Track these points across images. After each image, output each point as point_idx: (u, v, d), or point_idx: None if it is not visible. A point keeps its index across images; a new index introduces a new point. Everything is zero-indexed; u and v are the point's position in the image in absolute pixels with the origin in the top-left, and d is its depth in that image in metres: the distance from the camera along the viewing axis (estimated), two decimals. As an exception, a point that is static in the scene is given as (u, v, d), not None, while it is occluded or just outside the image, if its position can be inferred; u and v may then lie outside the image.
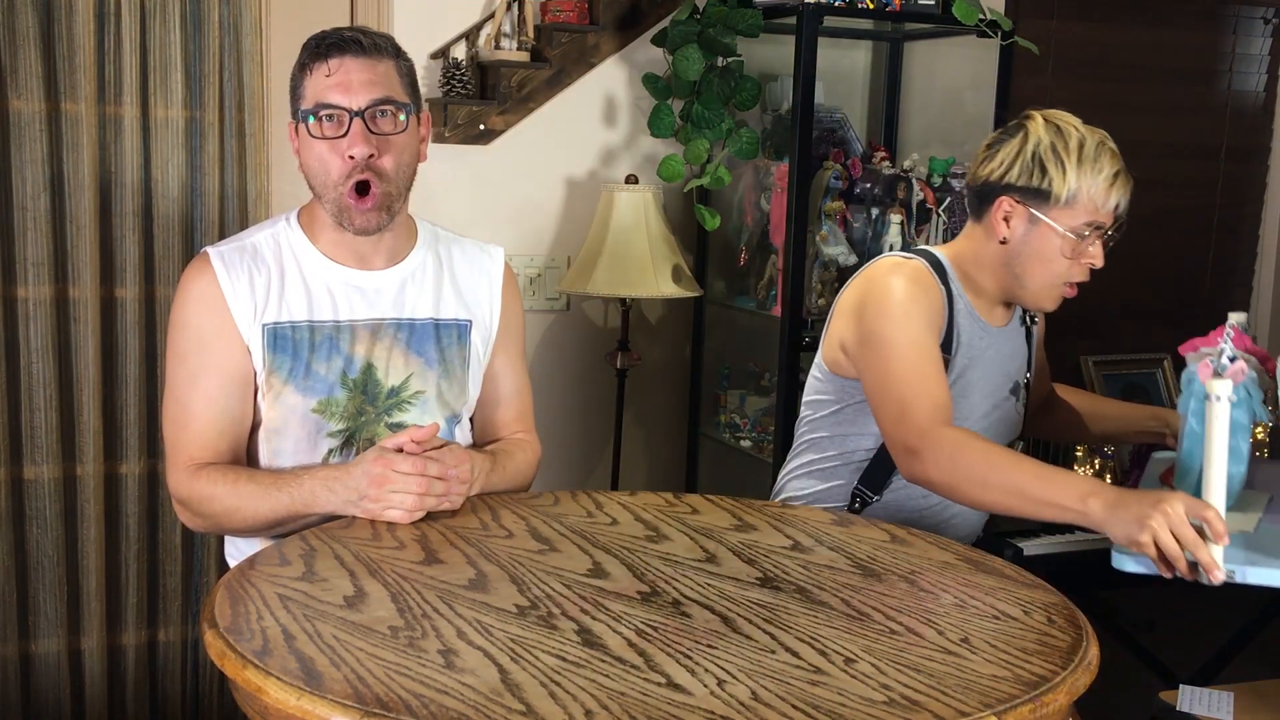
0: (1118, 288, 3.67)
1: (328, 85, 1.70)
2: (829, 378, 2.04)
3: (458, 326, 1.87)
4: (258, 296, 1.76)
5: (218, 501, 1.72)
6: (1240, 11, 3.77)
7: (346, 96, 1.70)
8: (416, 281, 1.85)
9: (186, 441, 1.76)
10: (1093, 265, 1.93)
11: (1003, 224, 1.92)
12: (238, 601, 1.36)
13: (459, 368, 1.87)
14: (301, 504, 1.69)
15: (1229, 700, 1.92)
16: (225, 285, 1.75)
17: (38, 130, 2.49)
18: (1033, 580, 1.53)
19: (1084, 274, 1.94)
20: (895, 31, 3.22)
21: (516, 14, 2.88)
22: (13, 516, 2.56)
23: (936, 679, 1.21)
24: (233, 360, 1.75)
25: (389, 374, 1.81)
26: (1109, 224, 1.91)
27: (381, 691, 1.13)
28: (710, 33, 2.78)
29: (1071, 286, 1.95)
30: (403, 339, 1.82)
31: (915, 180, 2.98)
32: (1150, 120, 3.71)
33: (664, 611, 1.36)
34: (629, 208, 2.85)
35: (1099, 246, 1.92)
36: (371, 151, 1.71)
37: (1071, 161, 1.88)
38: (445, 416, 1.85)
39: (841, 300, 2.02)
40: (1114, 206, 1.91)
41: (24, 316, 2.53)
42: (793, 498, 2.12)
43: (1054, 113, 1.95)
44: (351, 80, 1.70)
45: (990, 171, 1.94)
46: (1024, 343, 2.13)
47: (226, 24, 2.59)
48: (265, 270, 1.78)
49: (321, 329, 1.78)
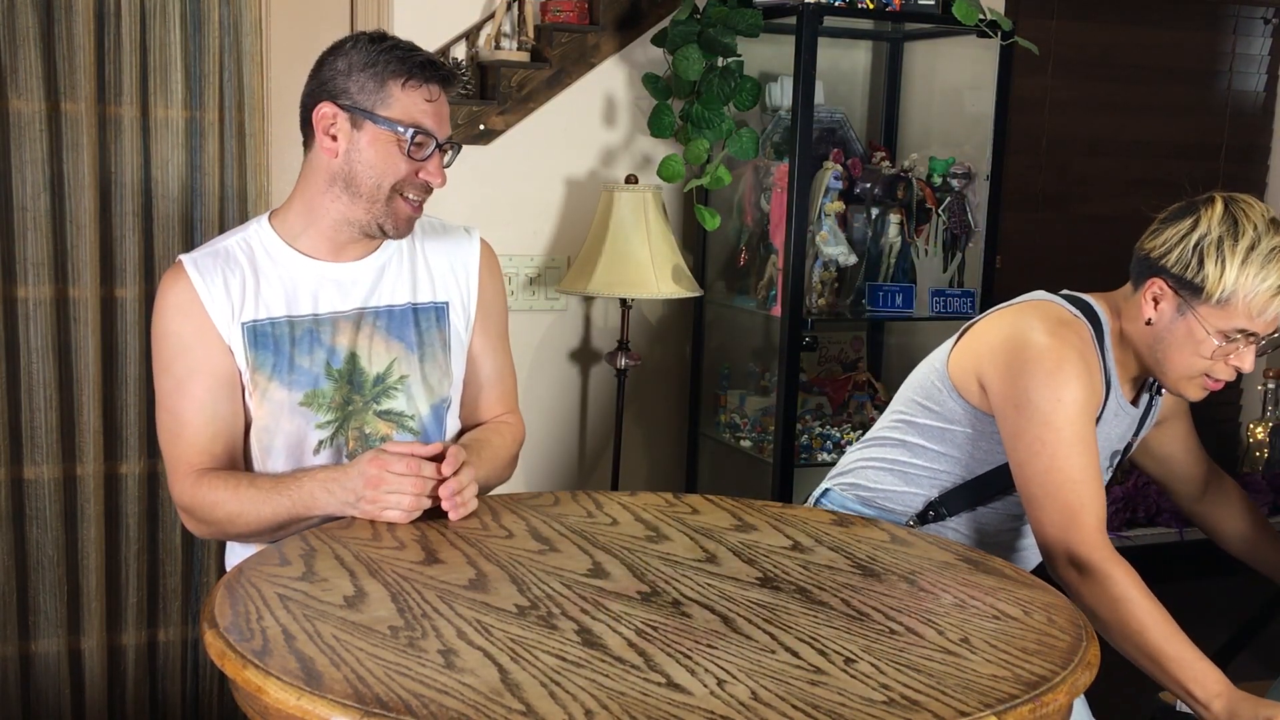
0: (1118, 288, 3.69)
1: (426, 110, 1.76)
2: (955, 398, 1.94)
3: (435, 309, 1.88)
4: (233, 297, 1.77)
5: (221, 508, 1.73)
6: (1240, 11, 3.77)
7: (439, 127, 1.78)
8: (392, 269, 1.87)
9: (183, 449, 1.77)
10: (1239, 370, 1.81)
11: (1151, 305, 1.82)
12: (238, 601, 1.36)
13: (440, 350, 1.88)
14: (302, 506, 1.70)
15: (1229, 700, 1.92)
16: (200, 289, 1.76)
17: (38, 130, 2.49)
18: (1033, 580, 1.53)
19: (1230, 374, 1.82)
20: (895, 31, 3.22)
21: (516, 14, 2.88)
22: (13, 516, 2.56)
23: (936, 679, 1.21)
24: (216, 363, 1.76)
25: (372, 362, 1.82)
26: (1265, 333, 1.78)
27: (381, 691, 1.13)
28: (710, 33, 2.78)
29: (1217, 381, 1.83)
30: (382, 326, 1.84)
31: (915, 180, 2.99)
32: (1150, 120, 3.71)
33: (664, 611, 1.36)
34: (629, 208, 2.85)
35: (1250, 351, 1.79)
36: (441, 183, 1.81)
37: (1235, 261, 1.73)
38: (431, 402, 1.86)
39: (989, 332, 1.91)
40: (1273, 318, 1.75)
41: (24, 316, 2.53)
42: (863, 486, 2.04)
43: (1241, 199, 1.79)
44: (444, 113, 1.80)
45: (1153, 248, 1.82)
46: (1141, 414, 2.00)
47: (226, 24, 2.59)
48: (239, 271, 1.79)
49: (301, 323, 1.79)
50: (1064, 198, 3.62)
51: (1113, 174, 3.67)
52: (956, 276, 3.03)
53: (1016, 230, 3.44)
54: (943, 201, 2.99)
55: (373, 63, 1.74)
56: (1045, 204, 3.60)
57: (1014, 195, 3.35)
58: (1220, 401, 3.88)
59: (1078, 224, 3.64)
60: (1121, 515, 3.04)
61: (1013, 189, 3.29)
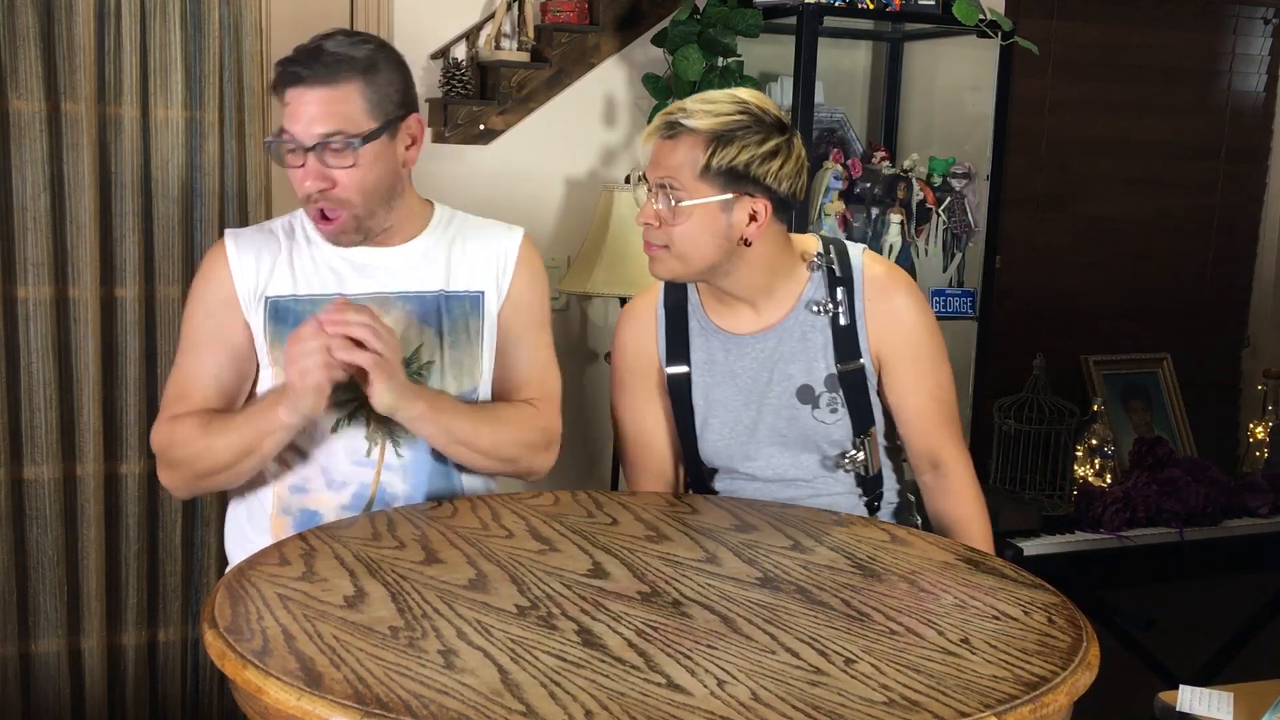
0: (1118, 288, 3.69)
1: (286, 115, 1.73)
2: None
3: (470, 298, 1.86)
4: (262, 273, 1.81)
5: (190, 445, 1.75)
6: (1240, 11, 3.77)
7: (299, 129, 1.71)
8: (428, 257, 1.86)
9: (172, 400, 1.81)
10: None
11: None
12: (238, 601, 1.36)
13: (469, 339, 1.86)
14: (261, 416, 1.71)
15: (1229, 700, 1.92)
16: (234, 261, 1.81)
17: (38, 130, 2.49)
18: (1033, 580, 1.53)
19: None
20: (895, 31, 3.22)
21: (516, 14, 2.88)
22: (13, 516, 2.56)
23: (936, 679, 1.20)
24: (232, 334, 1.80)
25: (400, 345, 1.80)
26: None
27: (381, 692, 1.13)
28: (710, 33, 2.78)
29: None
30: (412, 311, 1.83)
31: (915, 180, 2.98)
32: (1150, 120, 3.71)
33: (664, 612, 1.36)
34: (629, 207, 2.85)
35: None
36: (323, 186, 1.72)
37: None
38: (458, 390, 1.84)
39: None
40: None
41: (24, 316, 2.53)
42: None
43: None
44: (301, 113, 1.71)
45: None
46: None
47: (226, 24, 2.59)
48: (274, 248, 1.83)
49: (324, 301, 1.78)
50: (1064, 198, 3.62)
51: (1113, 174, 3.67)
52: (956, 276, 3.03)
53: (1016, 230, 3.44)
54: (943, 201, 2.99)
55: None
56: (1045, 204, 3.59)
57: (1014, 195, 3.34)
58: (1220, 401, 3.88)
59: (1078, 224, 3.64)
60: (1121, 515, 3.04)
61: (1013, 189, 3.29)
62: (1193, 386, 3.70)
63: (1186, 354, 3.71)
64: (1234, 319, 3.93)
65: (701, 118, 1.78)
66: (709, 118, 1.78)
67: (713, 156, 1.77)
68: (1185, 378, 3.67)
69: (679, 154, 1.79)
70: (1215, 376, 3.88)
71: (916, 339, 1.91)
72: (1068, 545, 2.96)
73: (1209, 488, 3.14)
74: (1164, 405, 3.64)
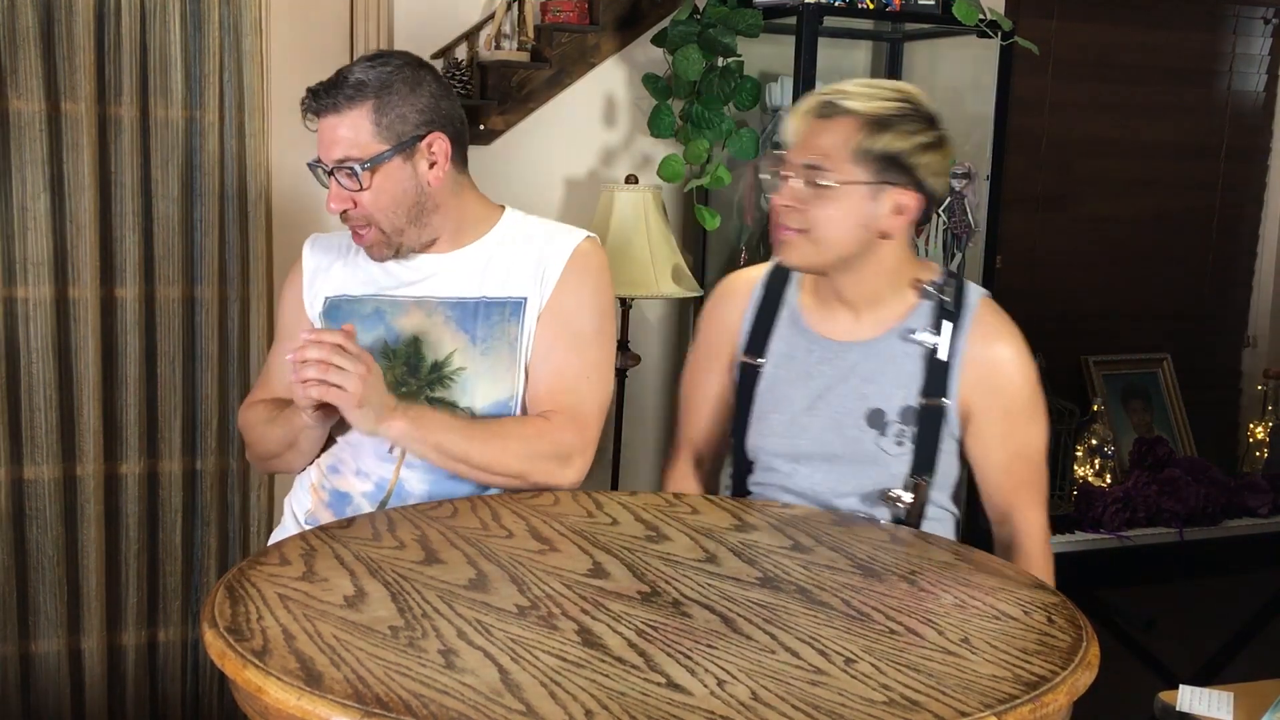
0: (1118, 288, 3.69)
1: (319, 140, 1.82)
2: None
3: (510, 304, 1.86)
4: (325, 274, 1.94)
5: (253, 430, 1.92)
6: (1240, 11, 3.77)
7: (321, 154, 1.82)
8: (475, 263, 1.89)
9: (258, 385, 2.01)
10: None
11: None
12: (238, 601, 1.36)
13: (505, 346, 1.84)
14: (295, 415, 1.79)
15: (1229, 700, 1.92)
16: (306, 263, 1.97)
17: (38, 130, 2.49)
18: (1033, 580, 1.53)
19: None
20: (895, 31, 3.22)
21: (516, 14, 2.88)
22: (13, 516, 2.56)
23: (936, 679, 1.21)
24: (301, 328, 1.88)
25: (434, 349, 1.85)
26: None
27: (381, 691, 1.13)
28: (710, 33, 2.78)
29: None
30: (452, 316, 1.86)
31: (915, 180, 2.98)
32: (1150, 120, 3.71)
33: (664, 611, 1.36)
34: (629, 208, 2.85)
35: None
36: (345, 206, 1.82)
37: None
38: (494, 398, 1.84)
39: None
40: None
41: (24, 316, 2.53)
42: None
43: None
44: (320, 139, 1.82)
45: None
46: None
47: (226, 24, 2.59)
48: (339, 252, 1.96)
49: (370, 301, 1.90)
50: (1064, 198, 3.62)
51: (1113, 174, 3.67)
52: (956, 276, 3.03)
53: (1016, 230, 3.44)
54: (943, 201, 2.99)
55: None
56: (1045, 204, 3.60)
57: (1014, 195, 3.35)
58: (1220, 401, 3.89)
59: (1078, 224, 3.64)
60: (1121, 515, 3.04)
61: (1013, 189, 3.29)
62: (1193, 386, 3.70)
63: (1186, 354, 3.71)
64: (1234, 319, 3.93)
65: (861, 100, 1.74)
66: (869, 100, 1.74)
67: (869, 140, 1.73)
68: (1185, 378, 3.67)
69: (833, 135, 1.74)
70: (1215, 376, 3.88)
71: (1013, 392, 1.82)
72: (1068, 545, 2.96)
73: (1209, 488, 3.14)
74: (1164, 405, 3.64)
